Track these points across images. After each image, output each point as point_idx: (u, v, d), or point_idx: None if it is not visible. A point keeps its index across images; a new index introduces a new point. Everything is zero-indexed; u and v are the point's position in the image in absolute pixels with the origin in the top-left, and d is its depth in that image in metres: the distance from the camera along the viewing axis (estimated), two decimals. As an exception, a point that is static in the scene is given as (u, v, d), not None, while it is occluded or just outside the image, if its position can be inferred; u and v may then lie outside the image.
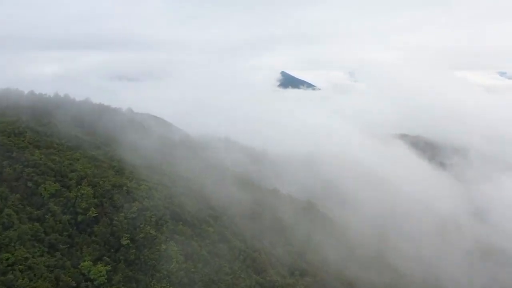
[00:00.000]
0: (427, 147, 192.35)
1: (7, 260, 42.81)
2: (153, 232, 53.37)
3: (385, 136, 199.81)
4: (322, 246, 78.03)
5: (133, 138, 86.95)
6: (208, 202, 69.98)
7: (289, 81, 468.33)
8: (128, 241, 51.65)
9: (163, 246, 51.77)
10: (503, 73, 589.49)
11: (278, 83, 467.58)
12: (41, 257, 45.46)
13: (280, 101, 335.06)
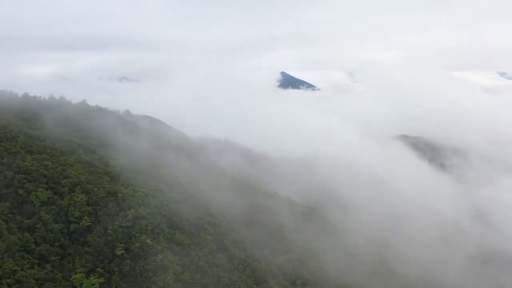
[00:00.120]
0: (427, 148, 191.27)
1: (-6, 273, 40.81)
2: (149, 241, 51.31)
3: (385, 137, 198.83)
4: (323, 252, 76.41)
5: (130, 142, 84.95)
6: (206, 208, 68.08)
7: (289, 81, 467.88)
8: (122, 251, 49.56)
9: (160, 256, 49.78)
10: (503, 73, 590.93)
11: (278, 83, 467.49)
12: (31, 269, 43.45)
13: (280, 101, 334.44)
